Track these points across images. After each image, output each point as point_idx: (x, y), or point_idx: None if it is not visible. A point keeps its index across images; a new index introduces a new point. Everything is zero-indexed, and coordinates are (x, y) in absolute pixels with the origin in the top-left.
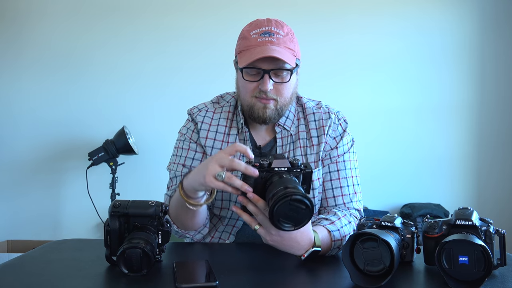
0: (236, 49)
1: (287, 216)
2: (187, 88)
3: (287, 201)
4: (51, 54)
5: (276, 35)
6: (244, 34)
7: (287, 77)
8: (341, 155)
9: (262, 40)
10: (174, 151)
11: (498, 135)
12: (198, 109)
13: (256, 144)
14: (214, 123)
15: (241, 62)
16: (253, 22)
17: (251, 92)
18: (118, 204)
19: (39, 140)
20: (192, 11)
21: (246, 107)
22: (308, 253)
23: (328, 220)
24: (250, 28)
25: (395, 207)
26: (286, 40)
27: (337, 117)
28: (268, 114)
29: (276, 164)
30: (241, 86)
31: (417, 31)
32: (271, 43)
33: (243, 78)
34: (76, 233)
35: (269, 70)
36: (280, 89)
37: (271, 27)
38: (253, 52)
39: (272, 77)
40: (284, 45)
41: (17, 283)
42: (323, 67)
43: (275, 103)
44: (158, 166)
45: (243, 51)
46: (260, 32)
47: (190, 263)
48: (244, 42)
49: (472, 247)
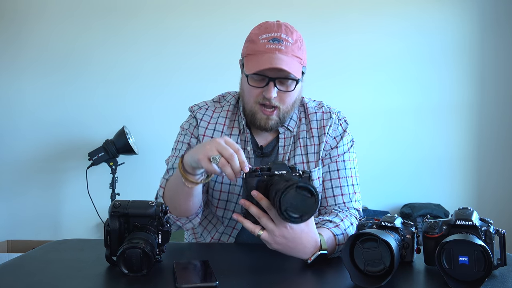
0: (244, 51)
1: (294, 206)
2: (187, 88)
3: (293, 189)
4: (50, 54)
5: (285, 43)
6: (252, 37)
7: (292, 86)
8: (341, 154)
9: (271, 47)
10: (174, 145)
11: (498, 135)
12: (199, 107)
13: (258, 145)
14: (213, 121)
15: (248, 67)
16: (263, 25)
17: (255, 97)
18: (118, 204)
19: (39, 140)
20: (193, 10)
21: (248, 112)
22: (314, 256)
23: (332, 223)
24: (259, 31)
25: (395, 207)
26: (295, 48)
27: (338, 117)
28: (270, 124)
29: (276, 168)
30: (245, 90)
31: (417, 31)
32: (279, 51)
33: (248, 83)
34: (76, 233)
35: (274, 78)
36: (283, 97)
37: (281, 33)
38: (260, 59)
39: (277, 85)
40: (292, 53)
41: (17, 283)
42: (323, 67)
43: (278, 112)
44: (158, 166)
45: (250, 55)
46: (269, 38)
47: (190, 263)
48: (252, 46)
49: (472, 247)
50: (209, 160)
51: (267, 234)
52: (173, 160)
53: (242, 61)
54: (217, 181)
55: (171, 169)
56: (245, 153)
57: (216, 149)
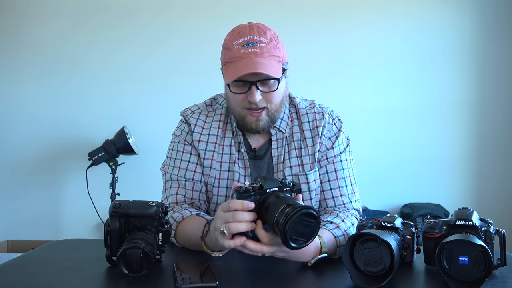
0: (221, 59)
1: (298, 233)
2: (187, 88)
3: (298, 217)
4: (50, 54)
5: (259, 44)
6: (227, 44)
7: (274, 85)
8: (337, 155)
9: (246, 52)
10: (168, 153)
11: (498, 135)
12: (191, 111)
13: (251, 147)
14: (207, 126)
15: (227, 75)
16: (235, 30)
17: (240, 103)
18: (118, 205)
19: (39, 140)
20: (193, 9)
21: (238, 117)
22: (315, 260)
23: (333, 224)
24: (232, 37)
25: (395, 207)
26: (270, 48)
27: (331, 116)
28: (261, 125)
29: (268, 185)
30: (230, 97)
31: (417, 31)
32: (254, 54)
33: (231, 91)
34: (76, 233)
35: (255, 82)
36: (269, 97)
37: (253, 35)
38: (238, 65)
39: (260, 87)
40: (268, 53)
41: (17, 283)
42: (323, 67)
43: (267, 111)
44: (158, 166)
45: (228, 63)
46: (243, 42)
47: (190, 263)
48: (228, 53)
49: (472, 247)
50: (223, 237)
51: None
52: (170, 170)
53: (222, 70)
54: (214, 185)
55: (170, 180)
56: (239, 155)
57: (220, 223)
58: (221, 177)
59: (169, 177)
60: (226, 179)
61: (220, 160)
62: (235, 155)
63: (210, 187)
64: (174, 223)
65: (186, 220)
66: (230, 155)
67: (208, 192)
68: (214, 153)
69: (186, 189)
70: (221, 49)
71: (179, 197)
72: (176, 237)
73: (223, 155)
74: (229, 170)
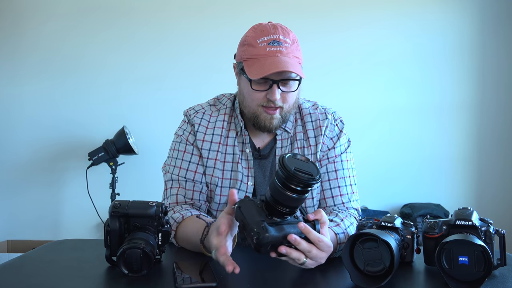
0: (241, 54)
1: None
2: (188, 88)
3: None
4: (50, 54)
5: (285, 44)
6: (249, 41)
7: (294, 86)
8: (338, 155)
9: (272, 50)
10: (169, 153)
11: (498, 135)
12: (195, 111)
13: (256, 147)
14: (211, 126)
15: (251, 72)
16: (258, 28)
17: (258, 101)
18: (118, 205)
19: (39, 140)
20: (194, 8)
21: (250, 115)
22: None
23: (333, 222)
24: (256, 34)
25: (395, 207)
26: (294, 49)
27: (333, 117)
28: (274, 124)
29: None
30: (246, 94)
31: (417, 30)
32: (280, 53)
33: (252, 87)
34: (76, 233)
35: (278, 81)
36: (286, 97)
37: (279, 35)
38: (264, 63)
39: (280, 87)
40: (292, 54)
41: (17, 283)
42: (324, 66)
43: (281, 111)
44: (158, 166)
45: (250, 60)
46: (268, 40)
47: (190, 263)
48: (251, 50)
49: (472, 247)
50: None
51: (311, 261)
52: (171, 170)
53: (241, 66)
54: (217, 185)
55: (170, 180)
56: (242, 155)
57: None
58: (224, 177)
59: (169, 177)
60: (229, 179)
61: (223, 160)
62: (239, 155)
63: (214, 187)
64: (174, 224)
65: (186, 222)
66: (234, 155)
67: (210, 192)
68: (218, 153)
69: (187, 190)
70: (239, 45)
71: (180, 197)
72: (175, 238)
73: (226, 155)
74: (233, 170)
